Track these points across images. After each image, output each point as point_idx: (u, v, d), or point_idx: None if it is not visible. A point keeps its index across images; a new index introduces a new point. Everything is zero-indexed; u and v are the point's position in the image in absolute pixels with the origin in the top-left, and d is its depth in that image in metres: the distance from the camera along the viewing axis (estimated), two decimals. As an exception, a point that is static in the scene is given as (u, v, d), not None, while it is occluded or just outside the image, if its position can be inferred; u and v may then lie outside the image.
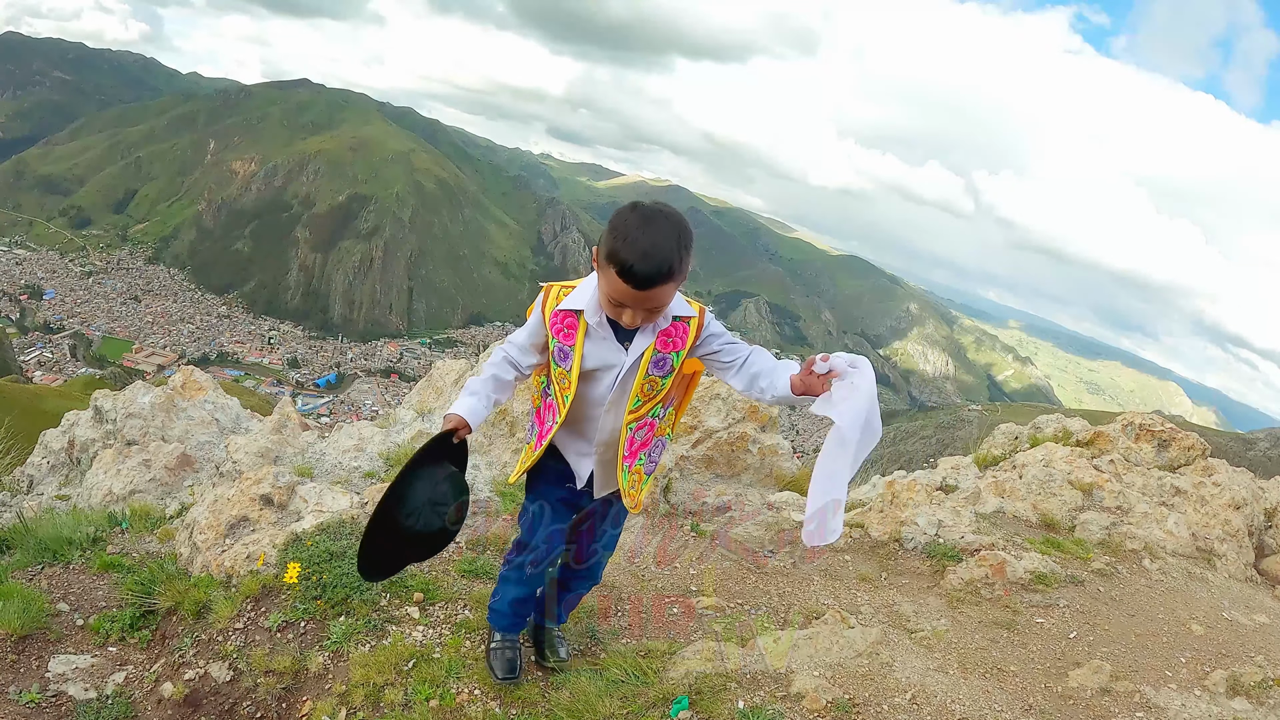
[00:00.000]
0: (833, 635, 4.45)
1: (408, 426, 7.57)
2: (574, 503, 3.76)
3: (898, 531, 6.16)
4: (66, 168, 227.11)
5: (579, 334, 3.39)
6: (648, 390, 3.48)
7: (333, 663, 4.05)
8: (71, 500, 7.31)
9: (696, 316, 3.40)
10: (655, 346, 3.37)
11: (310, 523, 4.95)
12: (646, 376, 3.42)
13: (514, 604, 4.02)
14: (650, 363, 3.39)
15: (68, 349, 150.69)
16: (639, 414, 3.53)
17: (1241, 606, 6.08)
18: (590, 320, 3.35)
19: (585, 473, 3.64)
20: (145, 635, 4.59)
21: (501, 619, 4.09)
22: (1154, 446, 8.24)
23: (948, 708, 4.07)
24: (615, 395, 3.45)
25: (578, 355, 3.39)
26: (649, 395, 3.50)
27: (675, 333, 3.39)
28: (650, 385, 3.46)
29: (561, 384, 3.49)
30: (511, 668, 4.01)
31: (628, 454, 3.57)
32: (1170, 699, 4.53)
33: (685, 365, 3.53)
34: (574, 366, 3.40)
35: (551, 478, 3.73)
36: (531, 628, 4.28)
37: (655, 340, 3.37)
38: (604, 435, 3.56)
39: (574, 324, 3.40)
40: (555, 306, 3.43)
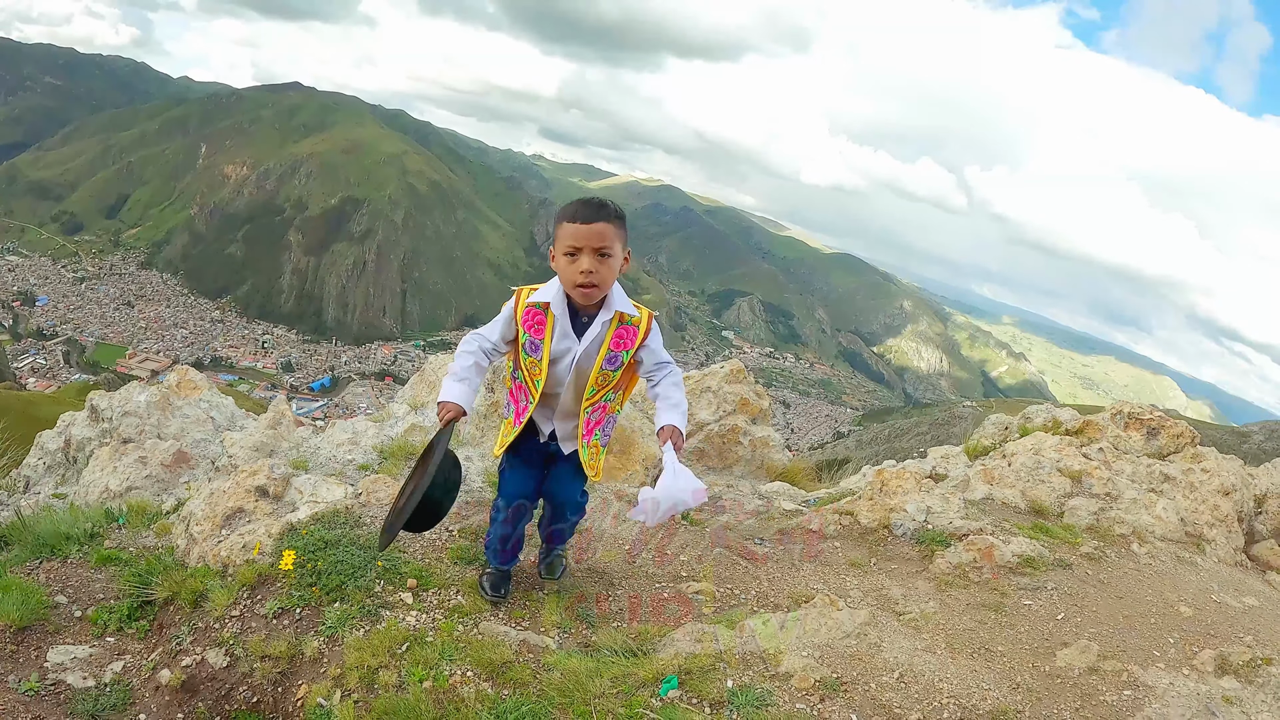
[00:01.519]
0: (821, 617, 4.51)
1: (401, 421, 7.61)
2: (543, 451, 4.41)
3: (887, 519, 6.21)
4: (58, 173, 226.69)
5: (547, 328, 4.00)
6: (601, 381, 4.11)
7: (328, 647, 4.11)
8: (68, 498, 7.35)
9: (644, 320, 4.01)
10: (609, 346, 4.02)
11: (305, 513, 5.01)
12: (601, 370, 4.05)
13: (501, 540, 4.57)
14: (604, 359, 4.03)
15: (61, 355, 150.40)
16: (594, 400, 4.16)
17: (1231, 590, 6.10)
18: (555, 310, 3.98)
19: (548, 430, 4.33)
20: (143, 626, 4.64)
21: (494, 554, 4.66)
22: (1143, 435, 8.29)
23: (935, 686, 4.13)
24: (572, 378, 4.07)
25: (547, 346, 4.01)
26: (602, 385, 4.13)
27: (626, 335, 4.02)
28: (604, 378, 4.10)
29: (533, 371, 4.10)
30: (498, 588, 4.61)
31: (585, 433, 4.21)
32: (1159, 678, 4.58)
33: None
34: (544, 356, 4.02)
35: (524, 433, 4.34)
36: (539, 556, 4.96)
37: (610, 340, 4.01)
38: (564, 409, 4.21)
39: (543, 319, 4.01)
40: (525, 304, 4.05)
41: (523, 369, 4.13)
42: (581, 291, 3.86)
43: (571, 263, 3.81)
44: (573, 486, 4.49)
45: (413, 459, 6.82)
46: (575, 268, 3.81)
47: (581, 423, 4.16)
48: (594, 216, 3.78)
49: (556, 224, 3.86)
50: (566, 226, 3.80)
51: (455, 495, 4.06)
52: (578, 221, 3.78)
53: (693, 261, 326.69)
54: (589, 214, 3.78)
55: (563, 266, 3.86)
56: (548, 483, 4.54)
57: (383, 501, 5.46)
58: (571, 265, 3.81)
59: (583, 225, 3.77)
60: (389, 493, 5.55)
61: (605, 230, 3.79)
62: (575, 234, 3.78)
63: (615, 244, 3.84)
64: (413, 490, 3.94)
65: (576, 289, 3.86)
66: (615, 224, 3.83)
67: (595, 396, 4.11)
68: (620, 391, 4.29)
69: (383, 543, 4.11)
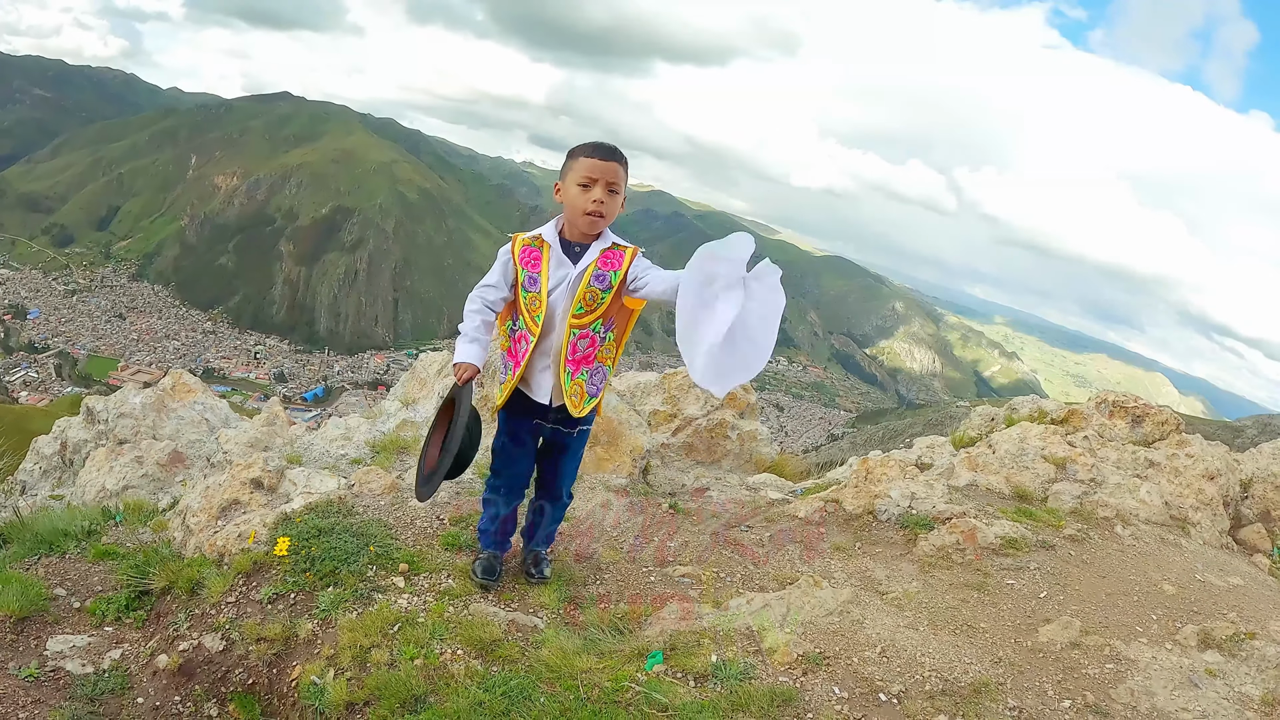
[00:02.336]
0: (805, 595, 4.59)
1: (393, 417, 7.69)
2: (537, 432, 4.57)
3: (871, 505, 6.29)
4: (48, 185, 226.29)
5: (543, 260, 4.23)
6: (589, 301, 4.21)
7: (321, 629, 4.19)
8: (66, 498, 7.42)
9: (631, 249, 4.25)
10: (597, 264, 4.19)
11: (300, 504, 5.10)
12: (589, 286, 4.19)
13: (495, 520, 4.74)
14: (592, 275, 4.19)
15: (53, 368, 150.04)
16: (581, 321, 4.24)
17: (1216, 570, 6.15)
18: (549, 240, 4.25)
19: (548, 386, 4.33)
20: (141, 615, 4.71)
21: (487, 537, 4.81)
22: (1128, 423, 8.35)
23: (917, 660, 4.22)
24: (565, 302, 4.20)
25: (544, 277, 4.21)
26: (590, 306, 4.22)
27: (614, 257, 4.22)
28: (591, 296, 4.21)
29: (533, 306, 4.24)
30: (490, 572, 4.68)
31: (570, 359, 4.27)
32: (1141, 651, 4.65)
33: (628, 301, 4.31)
34: (543, 287, 4.21)
35: (519, 410, 4.48)
36: (524, 555, 4.98)
37: (598, 260, 4.19)
38: (556, 338, 4.29)
39: (538, 255, 4.25)
40: (522, 245, 4.31)
41: (523, 311, 4.29)
42: (589, 219, 4.14)
43: (585, 192, 4.11)
44: (567, 466, 4.72)
45: (404, 453, 6.91)
46: (588, 196, 4.10)
47: (566, 347, 4.25)
48: (610, 155, 4.13)
49: (571, 158, 4.18)
50: (584, 160, 4.12)
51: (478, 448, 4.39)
52: (596, 157, 4.11)
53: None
54: (606, 152, 4.13)
55: (575, 195, 4.13)
56: (540, 464, 4.74)
57: (375, 492, 5.55)
58: (585, 194, 4.11)
59: (600, 161, 4.11)
60: (381, 484, 5.63)
61: (618, 170, 4.14)
62: (593, 167, 4.10)
63: (622, 184, 4.18)
64: (443, 443, 4.23)
65: (585, 216, 4.13)
66: (625, 168, 4.18)
67: (583, 317, 4.22)
68: (611, 333, 4.38)
69: (424, 494, 4.35)
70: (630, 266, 4.21)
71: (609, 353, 4.42)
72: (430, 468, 4.32)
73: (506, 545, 4.86)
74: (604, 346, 4.37)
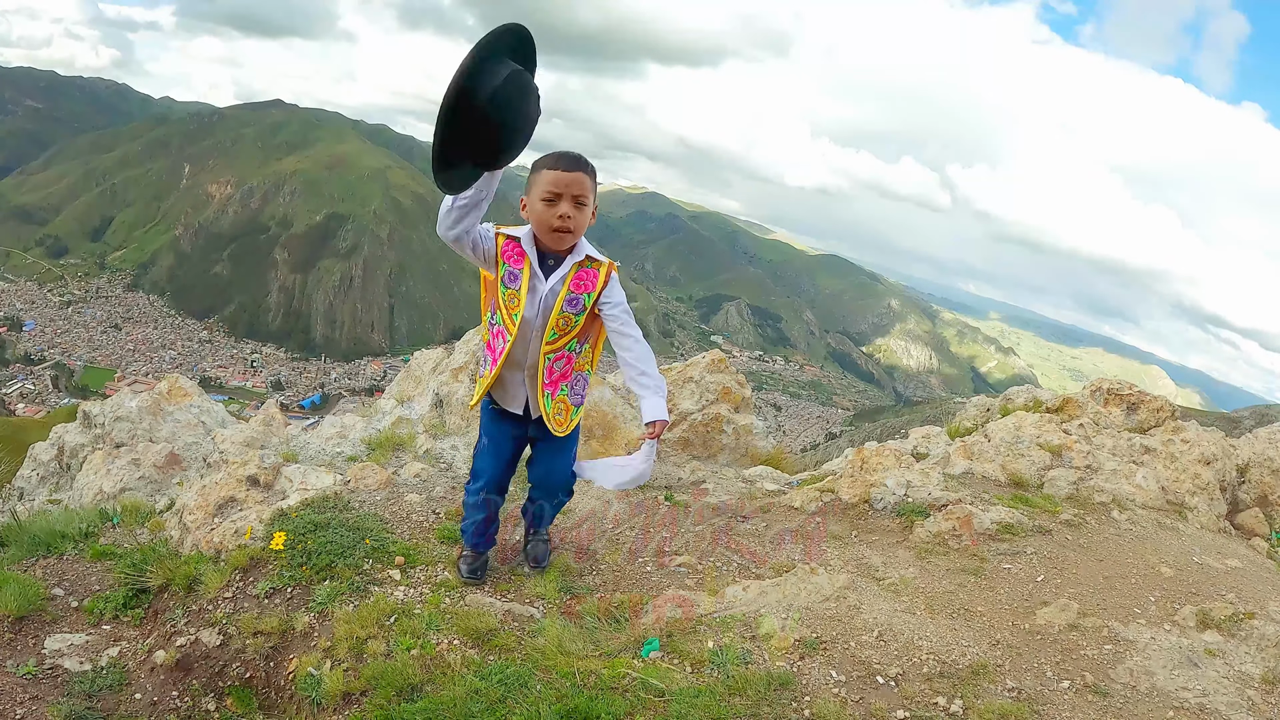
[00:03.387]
0: (801, 582, 4.61)
1: (388, 415, 7.70)
2: (519, 436, 4.49)
3: (867, 494, 6.30)
4: (41, 197, 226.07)
5: (525, 265, 4.08)
6: (563, 325, 4.14)
7: (318, 622, 4.20)
8: (63, 502, 7.43)
9: (606, 265, 4.10)
10: (570, 287, 4.09)
11: (295, 499, 5.11)
12: (561, 313, 4.10)
13: (477, 524, 4.68)
14: (565, 300, 4.09)
15: (49, 380, 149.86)
16: (555, 346, 4.15)
17: (1214, 553, 6.16)
18: (525, 248, 4.09)
19: (522, 399, 4.34)
20: (138, 613, 4.72)
21: (470, 537, 4.74)
22: (1123, 410, 8.37)
23: (914, 644, 4.23)
24: (538, 323, 4.12)
25: (525, 275, 4.04)
26: (564, 330, 4.16)
27: (588, 277, 4.12)
28: (565, 321, 4.13)
29: (510, 304, 4.11)
30: (474, 571, 4.67)
31: (548, 382, 4.23)
32: (1140, 633, 4.67)
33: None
34: (523, 286, 4.04)
35: (498, 417, 4.48)
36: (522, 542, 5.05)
37: (570, 281, 4.08)
38: (530, 359, 4.22)
39: (521, 254, 4.09)
40: (505, 239, 4.12)
41: (501, 307, 4.15)
42: (557, 235, 4.00)
43: (550, 207, 3.95)
44: (560, 465, 4.63)
45: (400, 449, 6.92)
46: (554, 212, 3.94)
47: (543, 370, 4.20)
48: (574, 166, 3.95)
49: (534, 170, 4.01)
50: (547, 173, 3.94)
51: (519, 116, 3.59)
52: (560, 169, 3.94)
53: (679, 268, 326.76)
54: (570, 163, 3.95)
55: (540, 210, 3.98)
56: (533, 465, 4.68)
57: (371, 487, 5.58)
58: (550, 210, 3.95)
59: (565, 173, 3.94)
60: (377, 479, 5.65)
61: (584, 180, 3.97)
62: (557, 180, 3.93)
63: (590, 196, 4.01)
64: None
65: (552, 233, 3.99)
66: (591, 177, 4.01)
67: (557, 341, 4.15)
68: (587, 344, 4.34)
69: (441, 180, 3.65)
70: (604, 288, 4.14)
71: (586, 360, 4.39)
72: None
73: (492, 543, 4.84)
74: (580, 357, 4.34)
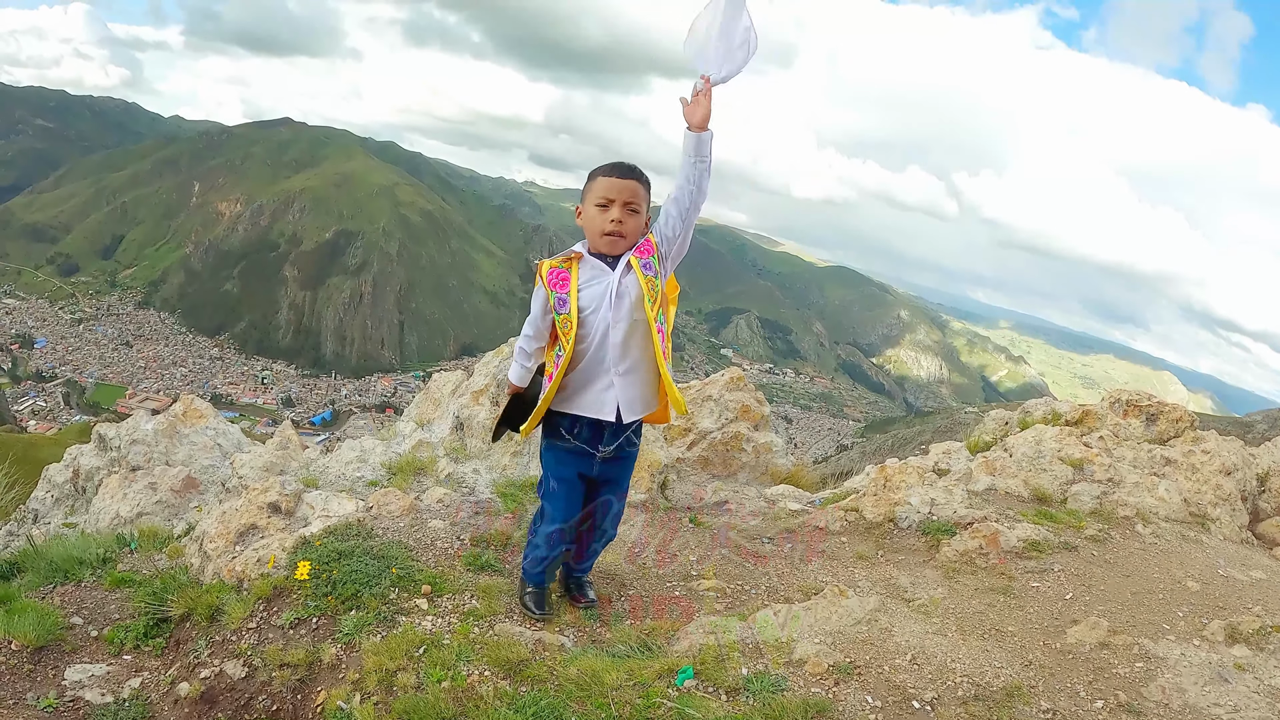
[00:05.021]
0: (831, 606, 4.56)
1: (408, 438, 7.68)
2: (588, 472, 4.46)
3: (891, 512, 6.27)
4: (52, 215, 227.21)
5: (572, 277, 4.12)
6: (650, 290, 4.09)
7: (345, 653, 4.15)
8: (79, 526, 7.40)
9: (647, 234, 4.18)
10: (637, 255, 4.11)
11: (318, 527, 5.07)
12: (645, 276, 4.08)
13: (541, 562, 4.65)
14: (641, 266, 4.09)
15: (61, 397, 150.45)
16: (656, 314, 4.13)
17: (1238, 565, 6.15)
18: (580, 251, 4.17)
19: (611, 405, 4.21)
20: (159, 643, 4.68)
21: (533, 576, 4.72)
22: (1142, 421, 8.34)
23: (948, 666, 4.18)
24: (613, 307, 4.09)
25: (574, 293, 4.10)
26: (654, 297, 4.10)
27: (645, 245, 4.14)
28: (650, 285, 4.09)
29: (564, 329, 4.11)
30: (540, 605, 4.65)
31: (665, 353, 4.20)
32: (1170, 649, 4.64)
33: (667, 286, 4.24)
34: (573, 306, 4.10)
35: (566, 456, 4.43)
36: (563, 576, 4.96)
37: (634, 252, 4.11)
38: (615, 350, 4.16)
39: (566, 275, 4.14)
40: (549, 269, 4.18)
41: (559, 336, 4.19)
42: (609, 240, 4.08)
43: (603, 212, 4.07)
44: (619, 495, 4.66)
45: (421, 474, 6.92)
46: (606, 216, 4.06)
47: (656, 345, 4.15)
48: (628, 174, 4.10)
49: (590, 179, 4.17)
50: (602, 180, 4.10)
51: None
52: (614, 176, 4.09)
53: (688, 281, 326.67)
54: (623, 171, 4.10)
55: (594, 215, 4.11)
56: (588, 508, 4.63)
57: (394, 514, 5.54)
58: (603, 215, 4.07)
59: (618, 180, 4.08)
60: (399, 505, 5.61)
61: (637, 188, 4.10)
62: (610, 186, 4.08)
63: (642, 204, 4.13)
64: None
65: (604, 237, 4.09)
66: (645, 187, 4.15)
67: (655, 309, 4.12)
68: (665, 321, 4.25)
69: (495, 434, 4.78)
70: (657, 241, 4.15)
71: (666, 345, 4.29)
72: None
73: (551, 578, 4.82)
74: (665, 340, 4.25)
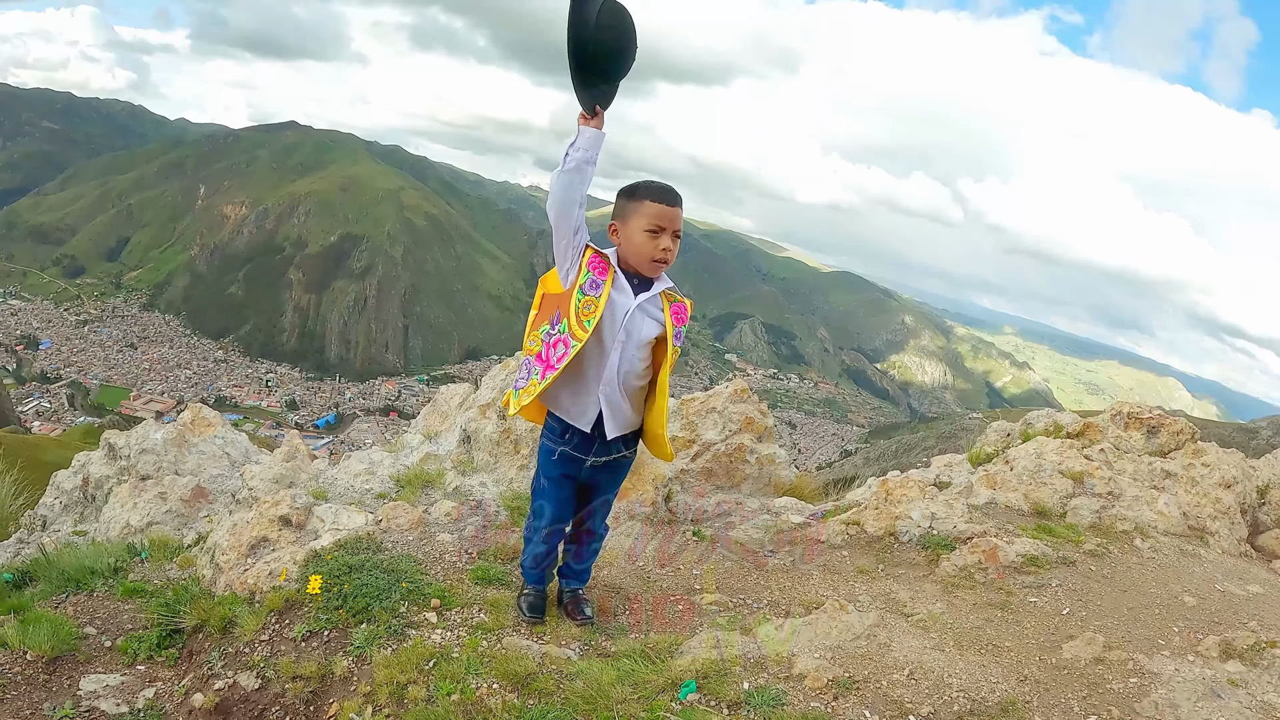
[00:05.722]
0: (831, 621, 4.64)
1: (415, 451, 7.75)
2: (576, 475, 4.51)
3: (893, 526, 6.34)
4: (58, 217, 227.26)
5: (609, 275, 4.13)
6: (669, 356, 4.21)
7: (357, 666, 4.23)
8: (89, 534, 7.48)
9: (689, 304, 4.28)
10: (672, 321, 4.18)
11: (328, 540, 5.14)
12: (674, 347, 4.21)
13: (536, 558, 4.76)
14: (673, 335, 4.19)
15: (65, 398, 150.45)
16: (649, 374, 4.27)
17: (1235, 579, 6.21)
18: (614, 266, 4.14)
19: (591, 415, 4.26)
20: (172, 653, 4.75)
21: (529, 573, 4.84)
22: (1143, 433, 8.40)
23: (945, 681, 4.26)
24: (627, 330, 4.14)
25: (607, 285, 4.11)
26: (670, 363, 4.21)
27: (681, 312, 4.24)
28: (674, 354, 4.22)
29: (585, 310, 4.08)
30: (536, 609, 4.73)
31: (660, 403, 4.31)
32: (1164, 665, 4.69)
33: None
34: (604, 295, 4.09)
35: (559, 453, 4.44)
36: (561, 593, 4.97)
37: (670, 315, 4.18)
38: (612, 373, 4.16)
39: (605, 268, 4.14)
40: (593, 253, 4.14)
41: (571, 314, 4.12)
42: (656, 265, 4.12)
43: (653, 239, 4.06)
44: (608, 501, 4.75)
45: (429, 486, 6.97)
46: (657, 244, 4.07)
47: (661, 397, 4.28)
48: (677, 201, 4.10)
49: (634, 199, 4.11)
50: (652, 205, 4.06)
51: (622, 33, 4.07)
52: (664, 203, 4.06)
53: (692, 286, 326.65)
54: (674, 198, 4.09)
55: (642, 241, 4.08)
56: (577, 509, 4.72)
57: (403, 527, 5.62)
58: (653, 241, 4.06)
59: (669, 208, 4.07)
60: (408, 519, 5.69)
61: (681, 215, 4.13)
62: (662, 214, 4.05)
63: (681, 229, 4.16)
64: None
65: (652, 263, 4.11)
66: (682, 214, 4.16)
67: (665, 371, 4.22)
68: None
69: (589, 98, 4.09)
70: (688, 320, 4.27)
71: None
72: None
73: (550, 579, 4.90)
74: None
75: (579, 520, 4.76)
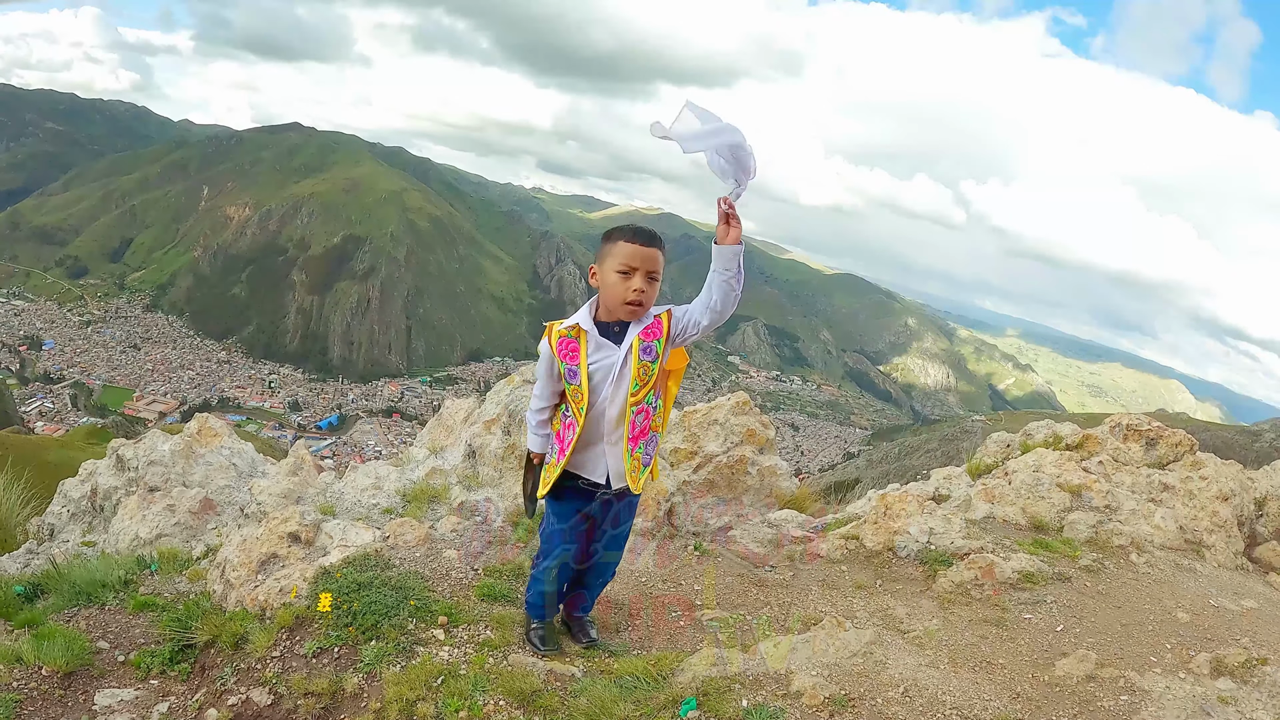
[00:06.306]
0: (829, 637, 4.73)
1: (421, 464, 7.82)
2: (585, 513, 4.56)
3: (891, 541, 6.41)
4: (61, 218, 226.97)
5: (581, 350, 4.18)
6: (642, 375, 4.19)
7: (367, 683, 4.33)
8: (98, 546, 7.57)
9: (666, 312, 4.20)
10: (640, 337, 4.15)
11: (337, 557, 5.23)
12: (640, 362, 4.16)
13: (544, 596, 4.79)
14: (640, 350, 4.15)
15: (68, 399, 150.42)
16: (638, 398, 4.23)
17: (1230, 593, 6.26)
18: (586, 328, 4.18)
19: (604, 470, 4.35)
20: (185, 668, 4.85)
21: (536, 610, 4.86)
22: (1142, 445, 8.45)
23: (939, 699, 4.34)
24: (613, 385, 4.18)
25: (584, 367, 4.17)
26: (644, 380, 4.20)
27: (654, 326, 4.17)
28: (644, 370, 4.18)
29: (575, 399, 4.22)
30: (546, 641, 4.77)
31: (632, 437, 4.27)
32: (1155, 682, 4.76)
33: (670, 360, 4.33)
34: (583, 379, 4.17)
35: (567, 496, 4.51)
36: (564, 618, 5.01)
37: (640, 333, 4.15)
38: (610, 424, 4.27)
39: (575, 345, 4.20)
40: (558, 337, 4.24)
41: (569, 400, 4.31)
42: (629, 309, 4.10)
43: (624, 280, 4.05)
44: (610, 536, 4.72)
45: (435, 502, 7.08)
46: (628, 285, 4.05)
47: (627, 425, 4.25)
48: (651, 241, 4.08)
49: (610, 242, 4.12)
50: (625, 245, 4.06)
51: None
52: (637, 243, 4.05)
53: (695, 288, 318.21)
54: (647, 238, 4.08)
55: (614, 282, 4.07)
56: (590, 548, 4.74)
57: (409, 544, 5.69)
58: (624, 282, 4.05)
59: (642, 247, 4.05)
60: (415, 535, 5.77)
61: (658, 257, 4.10)
62: (633, 254, 4.04)
63: (661, 271, 4.12)
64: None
65: (625, 305, 4.09)
66: (663, 253, 4.14)
67: (639, 394, 4.18)
68: (659, 399, 4.36)
69: (529, 510, 4.75)
70: (670, 326, 4.17)
71: (659, 420, 4.40)
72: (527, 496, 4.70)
73: (555, 612, 4.96)
74: (655, 415, 4.37)
75: (585, 557, 4.76)
